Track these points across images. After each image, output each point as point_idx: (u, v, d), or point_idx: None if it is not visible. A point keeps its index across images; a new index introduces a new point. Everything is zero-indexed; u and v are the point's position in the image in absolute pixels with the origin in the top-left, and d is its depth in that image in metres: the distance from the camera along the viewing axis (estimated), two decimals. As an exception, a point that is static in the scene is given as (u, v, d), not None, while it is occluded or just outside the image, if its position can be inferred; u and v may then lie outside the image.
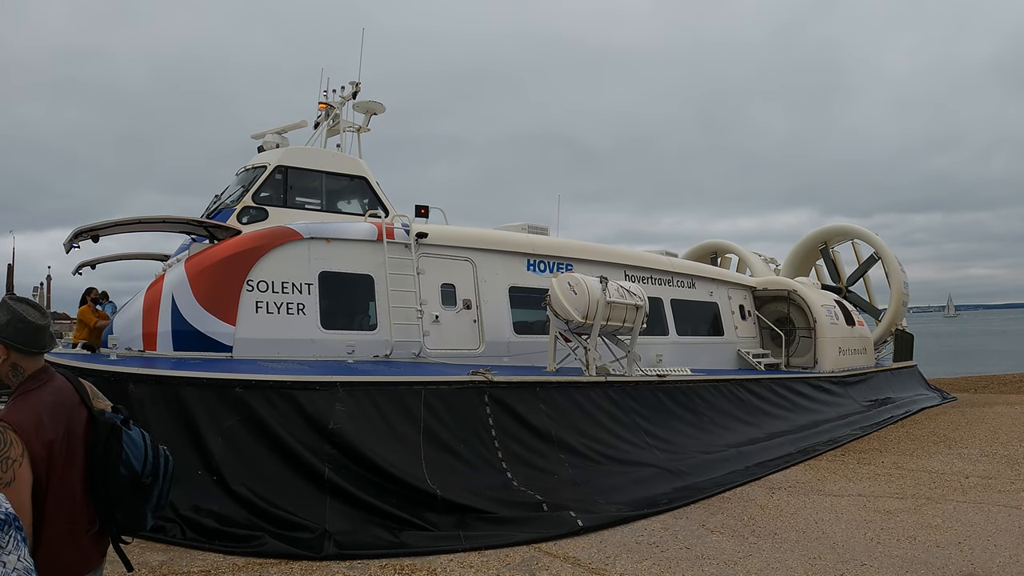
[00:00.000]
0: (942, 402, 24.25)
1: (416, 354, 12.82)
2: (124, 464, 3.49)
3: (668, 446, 12.83)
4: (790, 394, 17.69)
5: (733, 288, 20.55)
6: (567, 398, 11.98)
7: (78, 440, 3.52)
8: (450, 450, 10.07)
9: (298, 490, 8.93)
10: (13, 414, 3.39)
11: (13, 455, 3.28)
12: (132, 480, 3.51)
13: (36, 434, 3.37)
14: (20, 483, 3.27)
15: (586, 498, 10.21)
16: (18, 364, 3.53)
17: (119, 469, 3.49)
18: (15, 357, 3.52)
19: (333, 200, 14.32)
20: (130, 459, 3.51)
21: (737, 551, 8.56)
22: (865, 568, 7.97)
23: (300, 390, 9.50)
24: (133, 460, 3.52)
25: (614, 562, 8.17)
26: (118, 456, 3.50)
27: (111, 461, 3.49)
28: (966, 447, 15.55)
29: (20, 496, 3.26)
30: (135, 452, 3.53)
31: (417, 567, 7.88)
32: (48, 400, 3.49)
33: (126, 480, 3.50)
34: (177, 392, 9.33)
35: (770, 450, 14.21)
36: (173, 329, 11.39)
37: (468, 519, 9.12)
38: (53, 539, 3.38)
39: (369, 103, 15.59)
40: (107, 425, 3.55)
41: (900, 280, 24.72)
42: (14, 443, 3.29)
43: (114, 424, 3.55)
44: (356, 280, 12.82)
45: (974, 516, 10.03)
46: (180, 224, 12.72)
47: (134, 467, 3.51)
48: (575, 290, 12.78)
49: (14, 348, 3.50)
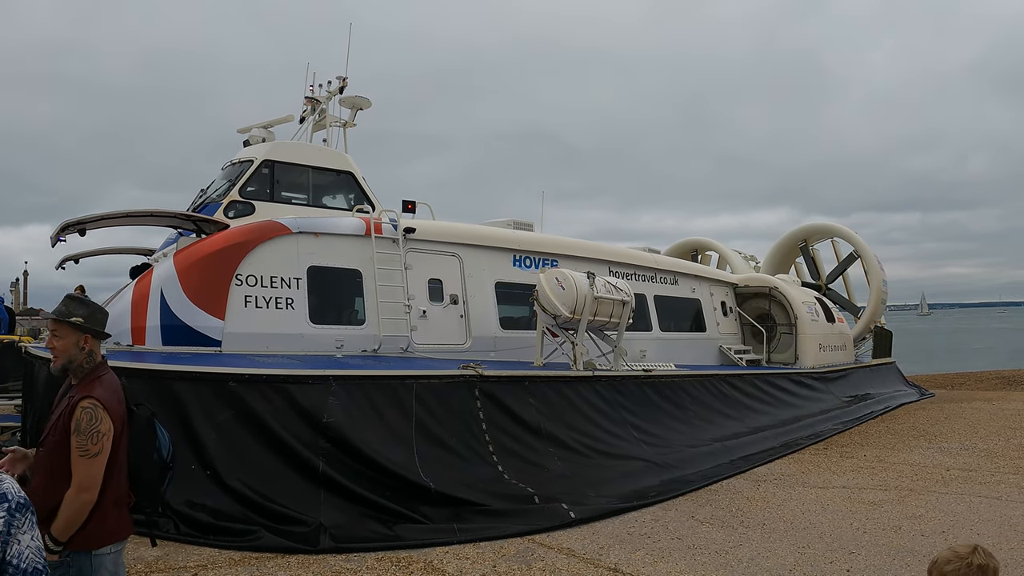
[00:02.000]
0: (920, 398, 24.53)
1: (404, 349, 12.82)
2: (157, 451, 4.12)
3: (655, 440, 12.95)
4: (772, 389, 17.86)
5: (715, 285, 20.68)
6: (556, 392, 12.05)
7: (126, 422, 4.10)
8: (442, 443, 10.12)
9: (293, 484, 8.92)
10: (101, 391, 3.99)
11: (104, 429, 3.87)
12: (160, 465, 4.15)
13: (118, 410, 4.01)
14: (103, 454, 3.86)
15: (576, 491, 10.29)
16: (95, 351, 4.14)
17: (154, 455, 4.11)
18: (92, 343, 4.12)
19: (319, 195, 14.28)
20: (161, 448, 4.16)
21: (727, 541, 8.70)
22: (853, 556, 8.13)
23: (294, 384, 9.48)
24: (163, 449, 4.17)
25: (607, 553, 8.27)
26: (152, 443, 4.12)
27: (148, 448, 4.10)
28: (946, 441, 15.79)
29: (100, 467, 3.86)
30: (164, 442, 4.18)
31: (413, 559, 7.93)
32: (116, 383, 4.14)
33: (156, 465, 4.13)
34: (170, 386, 9.26)
35: (754, 444, 14.37)
36: (162, 323, 11.32)
37: (462, 512, 9.17)
38: (106, 507, 3.92)
39: (355, 98, 15.54)
40: (145, 416, 4.17)
41: (879, 278, 24.96)
42: (104, 418, 3.89)
43: (151, 416, 4.19)
44: (344, 275, 12.79)
45: (957, 506, 10.22)
46: (168, 218, 12.64)
47: (164, 456, 4.16)
48: (563, 285, 12.84)
49: (97, 335, 4.14)
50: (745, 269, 24.91)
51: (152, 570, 7.42)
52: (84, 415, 3.84)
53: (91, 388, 3.96)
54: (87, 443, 3.80)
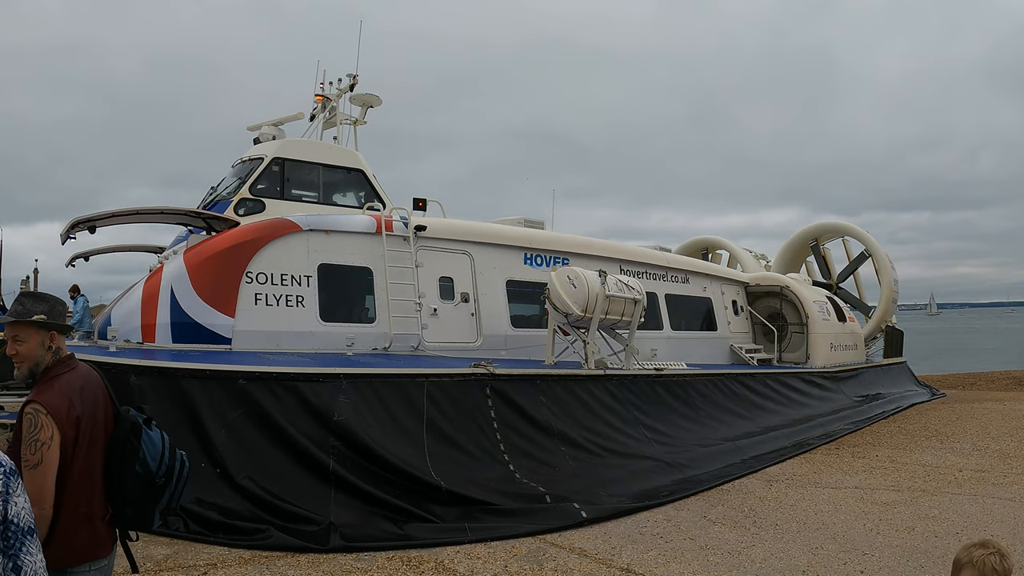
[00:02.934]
0: (931, 398, 24.38)
1: (415, 347, 12.79)
2: (140, 462, 3.63)
3: (666, 439, 12.89)
4: (783, 389, 17.78)
5: (726, 284, 20.59)
6: (567, 391, 12.00)
7: (100, 428, 3.66)
8: (453, 442, 10.08)
9: (303, 483, 8.89)
10: (47, 395, 3.53)
11: (43, 438, 3.42)
12: (146, 478, 3.64)
13: (67, 415, 3.50)
14: (47, 466, 3.41)
15: (587, 490, 10.24)
16: (60, 347, 3.73)
17: (135, 466, 3.63)
18: (58, 340, 3.73)
19: (329, 193, 14.24)
20: (146, 458, 3.65)
21: (740, 541, 8.64)
22: (867, 557, 8.06)
23: (304, 382, 9.45)
24: (149, 459, 3.66)
25: (620, 552, 8.21)
26: (135, 453, 3.64)
27: (128, 457, 3.64)
28: (958, 441, 15.67)
29: (46, 479, 3.40)
30: (152, 452, 3.67)
31: (424, 559, 7.87)
32: (77, 383, 3.63)
33: (140, 478, 3.63)
34: (179, 384, 9.24)
35: (765, 443, 14.30)
36: (172, 321, 11.30)
37: (473, 511, 9.12)
38: (70, 521, 3.50)
39: (366, 96, 15.50)
40: (129, 421, 3.71)
41: (890, 277, 24.82)
42: (45, 426, 3.43)
43: (135, 422, 3.70)
44: (355, 273, 12.76)
45: (970, 508, 10.14)
46: (178, 215, 12.60)
47: (149, 466, 3.65)
48: (574, 284, 12.78)
49: (62, 329, 3.75)
50: (756, 268, 24.81)
51: (162, 568, 7.39)
52: (24, 422, 3.45)
53: (39, 391, 3.57)
54: (26, 453, 3.39)
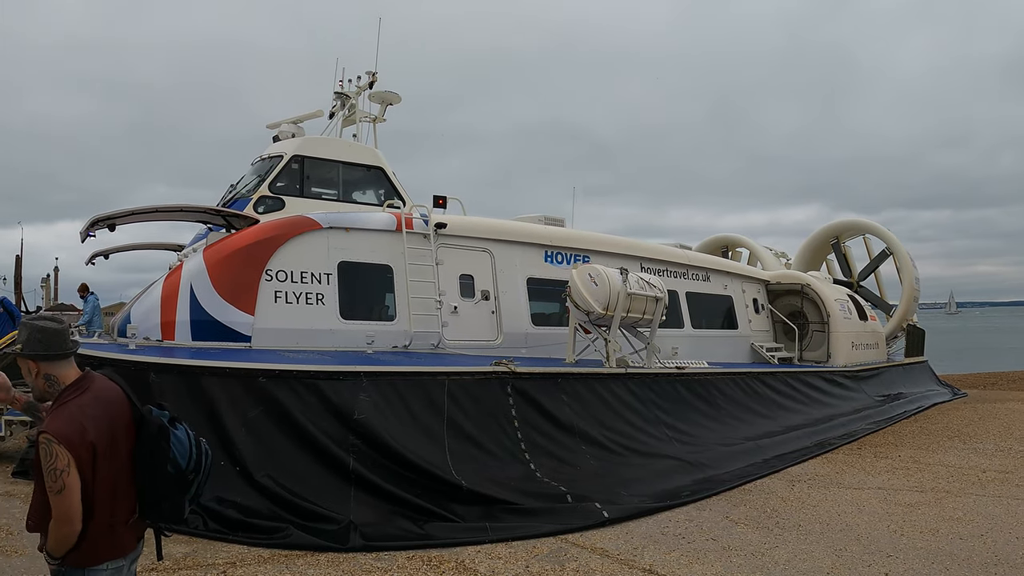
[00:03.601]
0: (953, 398, 24.15)
1: (435, 345, 12.74)
2: (171, 463, 3.68)
3: (687, 438, 12.80)
4: (805, 388, 17.64)
5: (747, 282, 20.44)
6: (589, 389, 11.92)
7: (121, 438, 3.70)
8: (474, 441, 10.01)
9: (322, 481, 8.84)
10: (56, 424, 3.55)
11: (60, 466, 3.48)
12: (178, 477, 3.70)
13: (81, 440, 3.53)
14: (70, 490, 3.48)
15: (609, 490, 10.16)
16: (51, 375, 3.69)
17: (166, 467, 3.68)
18: (45, 368, 3.68)
19: (349, 190, 14.22)
20: (177, 458, 3.70)
21: (763, 542, 8.56)
22: (891, 560, 7.97)
23: (324, 380, 9.41)
24: (179, 458, 3.70)
25: (642, 553, 8.14)
26: (166, 456, 3.68)
27: (159, 460, 3.69)
28: (981, 442, 15.53)
29: (71, 501, 3.50)
30: (181, 451, 3.71)
31: (445, 559, 7.82)
32: (89, 405, 3.64)
33: (172, 477, 3.69)
34: (199, 382, 9.23)
35: (787, 443, 14.19)
36: (191, 319, 11.29)
37: (494, 510, 9.05)
38: (96, 531, 3.60)
39: (385, 93, 15.47)
40: (155, 425, 3.72)
41: (912, 275, 24.61)
42: (59, 455, 3.47)
43: (162, 425, 3.72)
44: (375, 270, 12.72)
45: (994, 509, 10.04)
46: (197, 213, 12.61)
47: (180, 465, 3.70)
48: (596, 281, 12.69)
49: (42, 358, 3.67)
50: (776, 266, 24.66)
51: (180, 567, 7.37)
52: (40, 452, 3.53)
53: (49, 420, 3.61)
54: (50, 482, 3.49)
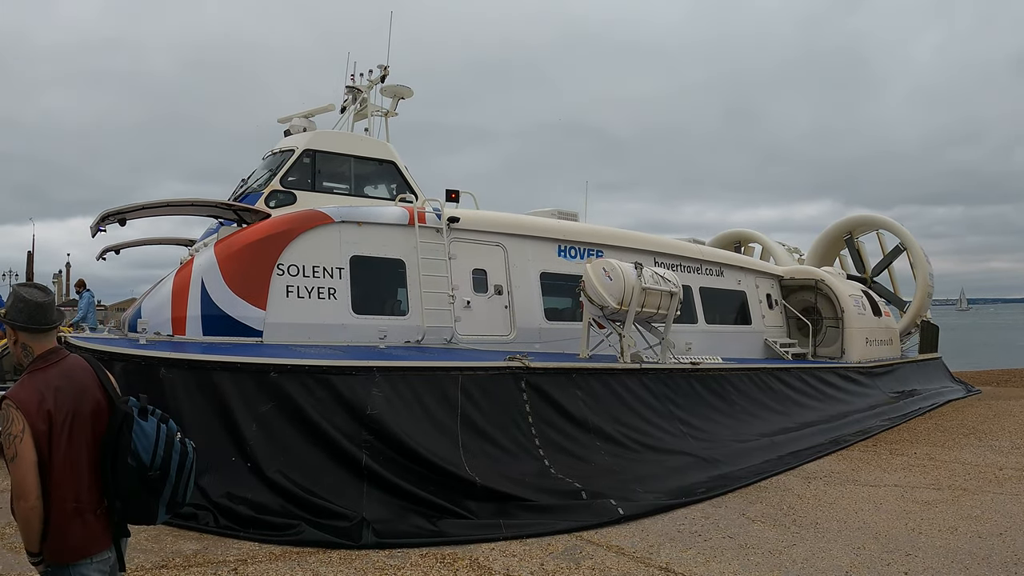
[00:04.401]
0: (967, 395, 23.96)
1: (448, 340, 12.65)
2: (132, 455, 3.56)
3: (702, 434, 12.69)
4: (819, 384, 17.51)
5: (761, 277, 20.30)
6: (603, 385, 11.80)
7: (85, 420, 3.63)
8: (487, 437, 9.90)
9: (335, 477, 8.74)
10: (17, 390, 3.58)
11: (15, 431, 3.45)
12: (139, 471, 3.56)
13: (37, 409, 3.50)
14: (22, 459, 3.44)
15: (623, 486, 10.06)
16: (28, 345, 3.72)
17: (127, 459, 3.56)
18: (24, 337, 3.71)
19: (361, 185, 14.14)
20: (139, 451, 3.57)
21: (780, 540, 8.46)
22: (910, 558, 7.87)
23: (336, 375, 9.30)
24: (141, 452, 3.57)
25: (658, 551, 8.04)
26: (127, 446, 3.57)
27: (120, 450, 3.58)
28: (996, 440, 15.41)
29: (23, 470, 3.45)
30: (144, 444, 3.58)
31: (458, 556, 7.73)
32: (54, 378, 3.63)
33: (133, 471, 3.56)
34: (210, 377, 9.14)
35: (802, 440, 14.07)
36: (203, 313, 11.23)
37: (507, 507, 8.94)
38: (60, 516, 3.52)
39: (397, 87, 15.37)
40: (121, 413, 3.64)
41: (926, 271, 24.44)
42: (16, 420, 3.46)
43: (127, 413, 3.63)
44: (387, 265, 12.63)
45: (1012, 507, 9.94)
46: (208, 207, 12.55)
47: (142, 459, 3.56)
48: (610, 276, 12.58)
49: (21, 328, 3.70)
50: (789, 261, 24.50)
51: (191, 564, 7.28)
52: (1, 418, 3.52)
53: (14, 387, 3.62)
54: (5, 448, 3.44)
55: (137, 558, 7.30)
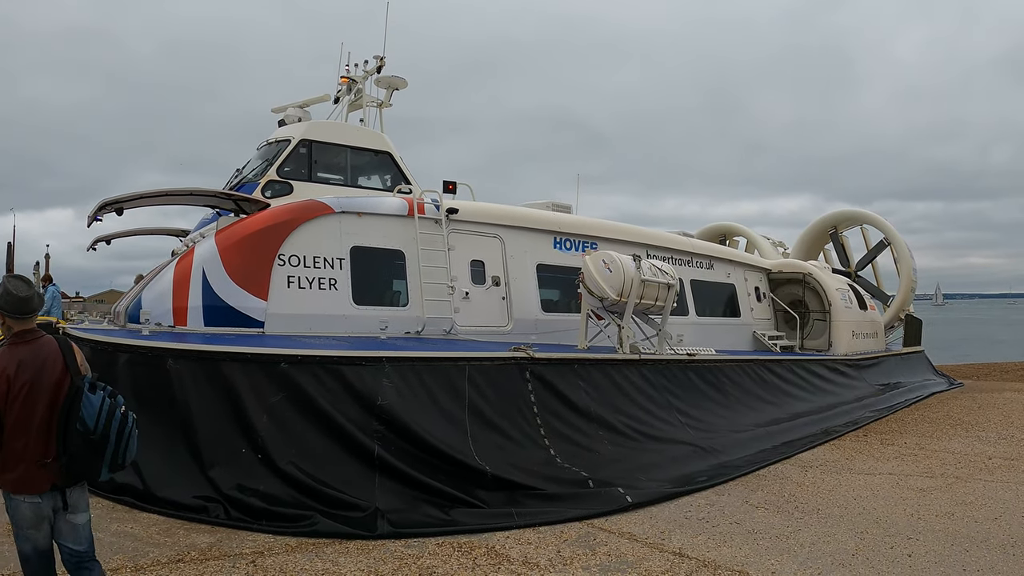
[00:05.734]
0: (950, 388, 24.22)
1: (447, 331, 12.66)
2: (80, 421, 4.46)
3: (699, 424, 12.80)
4: (809, 376, 17.68)
5: (749, 270, 20.44)
6: (604, 375, 11.86)
7: (44, 389, 4.55)
8: (494, 426, 9.92)
9: (347, 468, 8.71)
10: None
11: None
12: (84, 435, 4.47)
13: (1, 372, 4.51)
14: None
15: (628, 475, 10.15)
16: (11, 326, 4.73)
17: (75, 424, 4.47)
18: (9, 320, 4.72)
19: (356, 175, 14.08)
20: (85, 418, 4.47)
21: (786, 526, 8.61)
22: (912, 542, 8.06)
23: (347, 365, 9.26)
24: (87, 419, 4.47)
25: (669, 537, 8.14)
26: (76, 413, 4.48)
27: (71, 417, 4.49)
28: (983, 430, 15.65)
29: None
30: (89, 412, 4.48)
31: (475, 545, 7.76)
32: (22, 352, 4.60)
33: (80, 434, 4.47)
34: (219, 368, 9.08)
35: (794, 430, 14.24)
36: (204, 304, 11.14)
37: (517, 495, 8.98)
38: (11, 457, 4.51)
39: (392, 78, 15.27)
40: (74, 387, 4.57)
41: (909, 266, 24.65)
42: None
43: (79, 387, 4.54)
44: (387, 255, 12.60)
45: (1004, 494, 10.16)
46: (207, 197, 12.43)
47: (87, 424, 4.46)
48: (610, 268, 12.63)
49: (7, 315, 4.70)
50: (773, 255, 24.64)
51: (207, 557, 7.23)
52: None
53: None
54: None
55: (151, 552, 7.28)
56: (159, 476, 8.72)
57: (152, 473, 8.74)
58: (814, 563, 7.38)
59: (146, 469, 8.74)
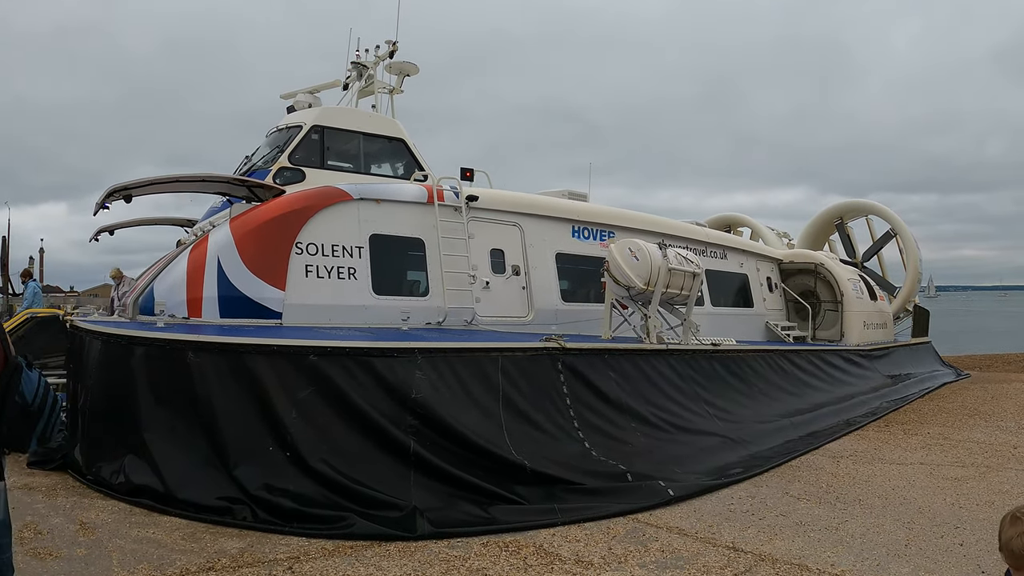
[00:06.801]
0: (957, 378, 24.18)
1: (468, 321, 12.31)
2: (19, 394, 4.50)
3: (726, 415, 12.56)
4: (826, 366, 17.49)
5: (761, 260, 20.21)
6: (633, 366, 11.53)
7: None
8: (528, 419, 9.54)
9: (381, 465, 8.30)
10: None
11: None
12: (23, 407, 4.52)
13: None
14: None
15: (663, 467, 9.90)
16: None
17: (15, 397, 4.50)
18: None
19: (369, 163, 13.69)
20: (24, 392, 4.54)
21: (832, 517, 8.47)
22: (959, 531, 8.00)
23: (379, 357, 8.81)
24: (27, 393, 4.55)
25: (718, 531, 7.93)
26: (16, 387, 4.51)
27: (10, 390, 4.50)
28: (1002, 420, 15.66)
29: None
30: (29, 387, 4.57)
31: (522, 544, 7.42)
32: None
33: (18, 406, 4.50)
34: (243, 361, 8.59)
35: (817, 420, 14.15)
36: (220, 294, 10.75)
37: (556, 490, 8.65)
38: None
39: (403, 64, 14.87)
40: (12, 364, 4.58)
41: (916, 257, 24.52)
42: None
43: (18, 364, 4.58)
44: (407, 244, 12.24)
45: (1039, 482, 10.12)
46: (220, 183, 11.97)
47: (26, 397, 4.53)
48: (637, 256, 12.30)
49: None
50: (778, 246, 24.43)
51: (239, 564, 6.77)
52: None
53: None
54: None
55: (178, 560, 6.80)
56: (180, 476, 8.30)
57: (172, 472, 8.33)
58: (870, 554, 7.25)
59: (166, 468, 8.36)
